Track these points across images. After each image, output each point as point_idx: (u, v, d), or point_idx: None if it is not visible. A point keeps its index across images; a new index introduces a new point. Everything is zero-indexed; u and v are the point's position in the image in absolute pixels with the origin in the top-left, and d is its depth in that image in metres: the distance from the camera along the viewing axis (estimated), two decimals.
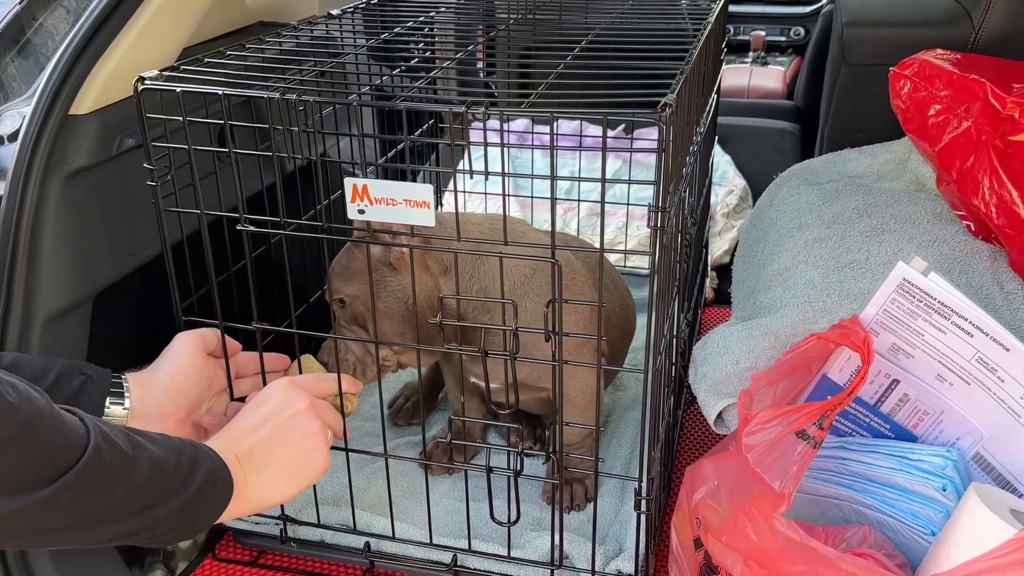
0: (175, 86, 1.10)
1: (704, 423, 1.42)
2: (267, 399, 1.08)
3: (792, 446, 1.07)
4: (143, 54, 1.26)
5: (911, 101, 1.48)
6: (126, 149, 1.24)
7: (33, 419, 0.77)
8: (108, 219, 1.26)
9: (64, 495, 0.79)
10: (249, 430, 1.04)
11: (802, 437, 1.08)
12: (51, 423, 0.80)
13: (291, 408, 1.07)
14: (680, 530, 1.24)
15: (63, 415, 0.82)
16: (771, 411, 1.10)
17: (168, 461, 0.90)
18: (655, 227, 1.02)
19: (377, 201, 1.08)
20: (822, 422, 1.07)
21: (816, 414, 1.07)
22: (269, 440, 1.04)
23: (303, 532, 1.35)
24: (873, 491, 1.19)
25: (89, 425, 0.83)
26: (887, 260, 1.37)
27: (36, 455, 0.78)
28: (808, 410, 1.07)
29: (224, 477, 0.96)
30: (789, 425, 1.08)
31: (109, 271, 1.27)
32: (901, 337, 1.20)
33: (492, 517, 1.22)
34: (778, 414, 1.09)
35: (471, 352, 1.14)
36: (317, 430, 1.08)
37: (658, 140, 0.97)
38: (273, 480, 1.04)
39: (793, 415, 1.08)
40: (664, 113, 0.96)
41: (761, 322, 1.34)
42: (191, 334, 1.16)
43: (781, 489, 1.04)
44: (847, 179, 1.69)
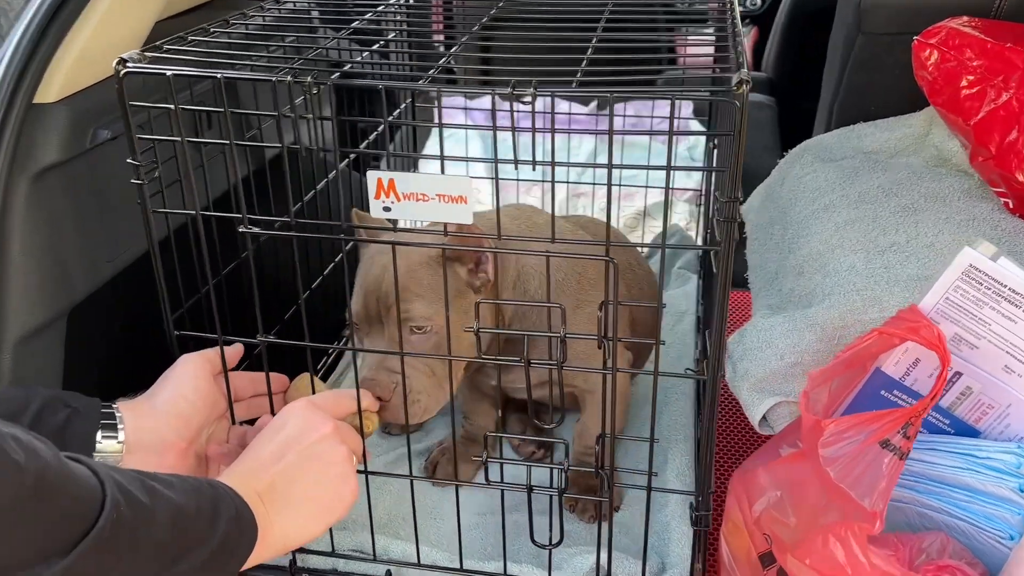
0: (164, 69, 0.95)
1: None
2: (285, 424, 0.95)
3: (877, 458, 0.98)
4: (114, 31, 1.11)
5: (939, 72, 1.40)
6: (101, 141, 1.09)
7: (43, 478, 0.64)
8: (82, 222, 1.10)
9: (83, 565, 0.66)
10: (268, 461, 0.91)
11: (887, 448, 0.99)
12: (62, 479, 0.66)
13: (314, 433, 0.95)
14: (734, 542, 1.15)
15: (72, 467, 0.69)
16: (847, 419, 1.00)
17: (188, 507, 0.77)
18: (728, 219, 0.92)
19: (405, 197, 0.95)
20: (907, 430, 0.98)
21: (899, 422, 0.98)
22: (292, 471, 0.92)
23: (313, 561, 1.22)
24: (939, 492, 1.11)
25: (102, 476, 0.70)
26: (928, 242, 1.29)
27: (49, 520, 0.65)
28: (890, 418, 0.99)
29: (248, 518, 0.84)
30: (871, 435, 0.99)
31: (85, 281, 1.12)
32: (965, 327, 1.12)
33: (532, 540, 1.11)
34: (856, 422, 1.00)
35: (512, 362, 1.02)
36: (343, 457, 0.96)
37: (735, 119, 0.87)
38: (299, 516, 0.91)
39: (873, 423, 0.99)
40: (741, 91, 0.85)
41: (804, 313, 1.24)
42: (196, 356, 1.02)
43: (871, 508, 0.95)
44: (862, 155, 1.60)
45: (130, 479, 0.73)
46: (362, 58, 1.32)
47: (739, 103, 0.85)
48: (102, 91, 1.11)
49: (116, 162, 1.14)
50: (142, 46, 1.20)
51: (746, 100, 0.86)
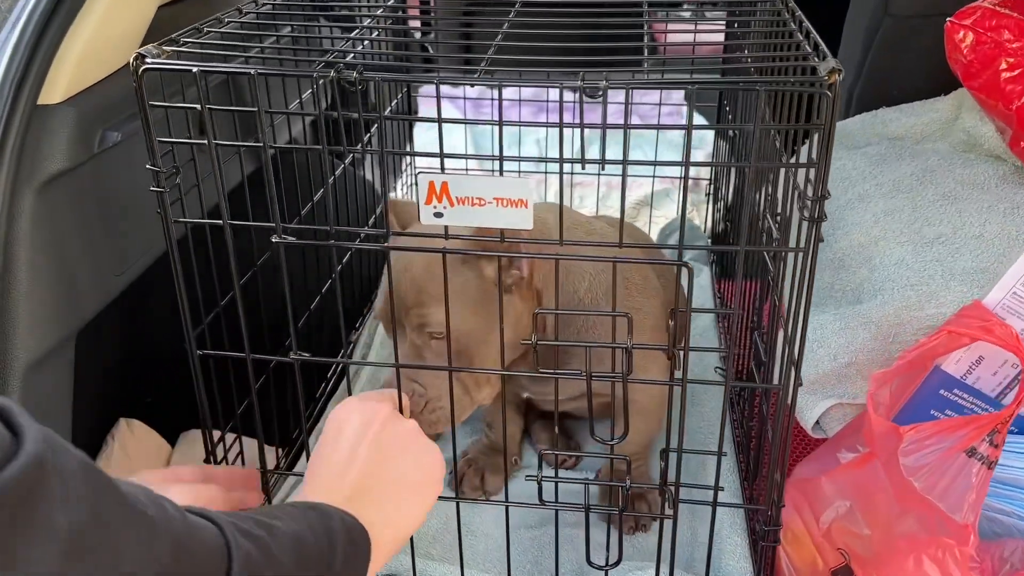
0: (189, 65, 0.85)
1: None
2: (341, 428, 0.86)
3: (965, 468, 0.93)
4: (119, 22, 1.01)
5: (975, 55, 1.36)
6: (111, 145, 0.99)
7: (178, 535, 0.56)
8: (90, 234, 1.00)
9: None
10: (343, 465, 0.82)
11: (973, 456, 0.94)
12: (189, 532, 0.58)
13: (375, 422, 0.86)
14: (795, 554, 1.09)
15: (191, 519, 0.60)
16: (928, 427, 0.95)
17: (305, 535, 0.69)
18: (813, 218, 0.85)
19: (459, 201, 0.87)
20: (993, 437, 0.93)
21: (985, 429, 0.93)
22: (371, 465, 0.83)
23: None
24: (1011, 496, 1.07)
25: (221, 523, 0.61)
26: (976, 233, 1.25)
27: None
28: (975, 425, 0.94)
29: (357, 529, 0.76)
30: (956, 443, 0.94)
31: (95, 298, 1.02)
32: None
33: (588, 561, 1.04)
34: (938, 429, 0.95)
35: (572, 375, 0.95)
36: (414, 431, 0.89)
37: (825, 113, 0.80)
38: (398, 506, 0.83)
39: (958, 431, 0.94)
40: (833, 82, 0.79)
41: (856, 311, 1.19)
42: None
43: (963, 521, 0.90)
44: (888, 141, 1.55)
45: (243, 519, 0.65)
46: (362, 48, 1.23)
47: (831, 94, 0.79)
48: (108, 89, 1.01)
49: (122, 167, 1.04)
50: (144, 37, 1.11)
51: (838, 91, 0.79)
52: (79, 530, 0.48)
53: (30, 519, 0.45)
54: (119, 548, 0.51)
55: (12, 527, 0.44)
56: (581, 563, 1.20)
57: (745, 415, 1.27)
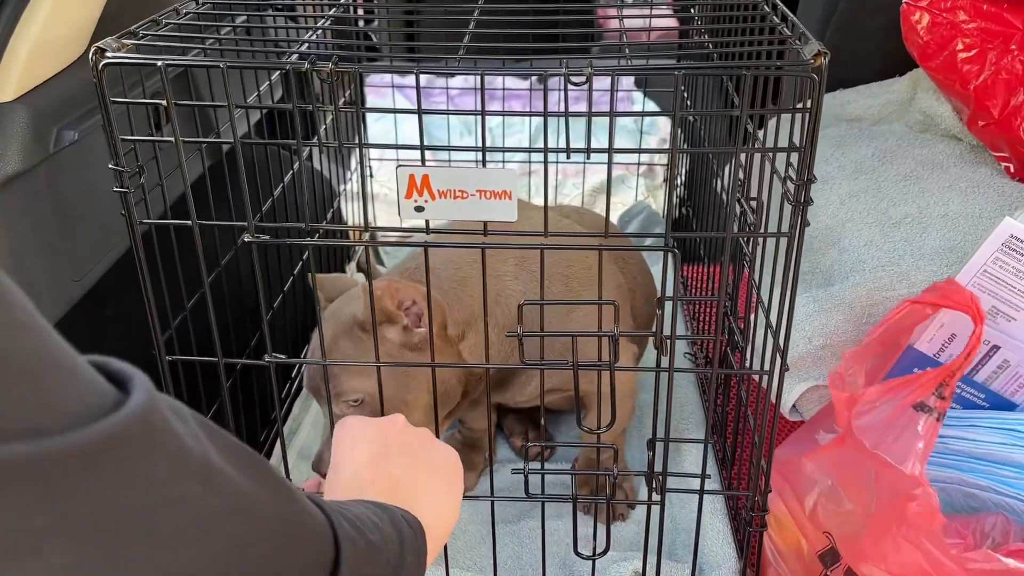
0: (153, 59, 0.81)
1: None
2: (356, 435, 0.83)
3: (912, 421, 0.94)
4: (68, 16, 0.95)
5: (932, 35, 1.37)
6: (67, 144, 0.94)
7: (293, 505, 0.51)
8: (47, 238, 0.95)
9: None
10: (373, 467, 0.79)
11: (922, 410, 0.95)
12: (302, 508, 0.53)
13: (394, 426, 0.83)
14: (782, 538, 1.10)
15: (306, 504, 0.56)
16: (878, 387, 0.96)
17: (382, 526, 0.65)
18: (798, 202, 0.85)
19: (441, 194, 0.85)
20: (942, 391, 0.94)
21: (933, 383, 0.94)
22: (403, 467, 0.80)
23: None
24: (984, 470, 1.08)
25: (329, 514, 0.57)
26: (941, 212, 1.26)
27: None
28: (924, 379, 0.95)
29: (415, 522, 0.73)
30: (904, 398, 0.95)
31: (54, 306, 0.97)
32: (1002, 299, 1.09)
33: (576, 551, 1.03)
34: (888, 388, 0.96)
35: (559, 366, 0.93)
36: (429, 432, 0.87)
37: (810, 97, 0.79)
38: (435, 504, 0.80)
39: (907, 387, 0.95)
40: (820, 64, 0.78)
41: (830, 293, 1.20)
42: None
43: (910, 471, 0.91)
44: (846, 123, 1.57)
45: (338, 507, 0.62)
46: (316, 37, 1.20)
47: (818, 77, 0.78)
48: (61, 85, 0.96)
49: (79, 167, 0.99)
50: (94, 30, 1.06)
51: (824, 74, 0.79)
52: (206, 461, 0.44)
53: (163, 444, 0.41)
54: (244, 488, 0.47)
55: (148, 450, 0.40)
56: (563, 556, 1.19)
57: (720, 401, 1.26)
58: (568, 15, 1.09)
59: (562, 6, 1.10)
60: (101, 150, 1.02)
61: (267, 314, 0.92)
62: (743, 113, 0.80)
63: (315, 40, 0.98)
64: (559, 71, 0.79)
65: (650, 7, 1.52)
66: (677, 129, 0.80)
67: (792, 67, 0.79)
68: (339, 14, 1.07)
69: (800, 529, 1.06)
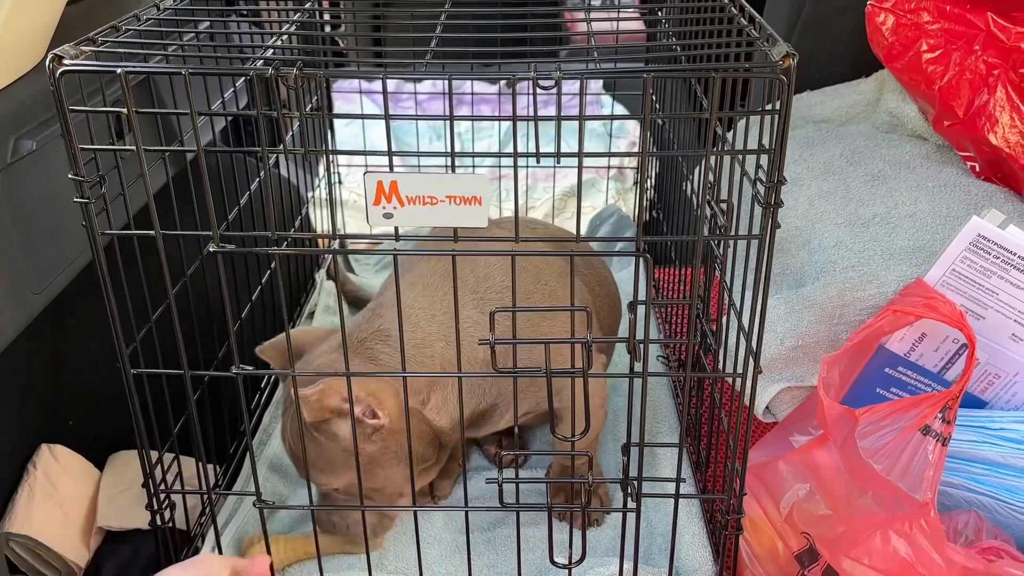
0: (112, 65, 0.79)
1: None
2: None
3: (921, 446, 0.94)
4: (24, 22, 0.93)
5: (897, 37, 1.38)
6: (25, 154, 0.92)
7: None
8: (5, 250, 0.93)
9: None
10: None
11: (928, 434, 0.95)
12: None
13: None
14: (758, 541, 1.10)
15: None
16: (882, 408, 0.96)
17: None
18: (768, 204, 0.85)
19: (410, 201, 0.84)
20: (945, 414, 0.95)
21: (937, 406, 0.95)
22: None
23: None
24: (956, 468, 1.09)
25: None
26: (910, 212, 1.27)
27: None
28: (928, 403, 0.95)
29: None
30: (909, 422, 0.95)
31: (14, 320, 0.95)
32: (970, 298, 1.09)
33: (552, 561, 1.02)
34: (891, 410, 0.96)
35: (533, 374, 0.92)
36: None
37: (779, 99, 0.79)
38: None
39: (910, 410, 0.95)
40: (788, 66, 0.78)
41: (801, 294, 1.20)
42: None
43: (923, 499, 0.91)
44: (813, 124, 1.58)
45: None
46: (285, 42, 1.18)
47: (786, 79, 0.78)
48: (17, 93, 0.93)
49: (36, 177, 0.97)
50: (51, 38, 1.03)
51: (793, 75, 0.78)
52: None
53: None
54: None
55: None
56: (539, 564, 1.18)
57: (693, 404, 1.26)
58: (536, 19, 1.08)
59: (530, 9, 1.10)
60: (61, 159, 1.00)
61: (234, 325, 0.90)
62: (712, 116, 0.80)
63: (280, 46, 0.96)
64: (528, 75, 0.78)
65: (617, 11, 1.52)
66: (647, 132, 0.80)
67: (760, 69, 0.79)
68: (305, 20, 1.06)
69: (777, 531, 1.06)
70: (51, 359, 1.17)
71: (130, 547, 1.24)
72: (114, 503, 1.25)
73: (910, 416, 0.95)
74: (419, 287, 1.13)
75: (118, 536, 1.25)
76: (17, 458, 1.20)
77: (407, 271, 1.15)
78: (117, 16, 0.94)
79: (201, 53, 0.96)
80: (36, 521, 1.16)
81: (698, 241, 0.87)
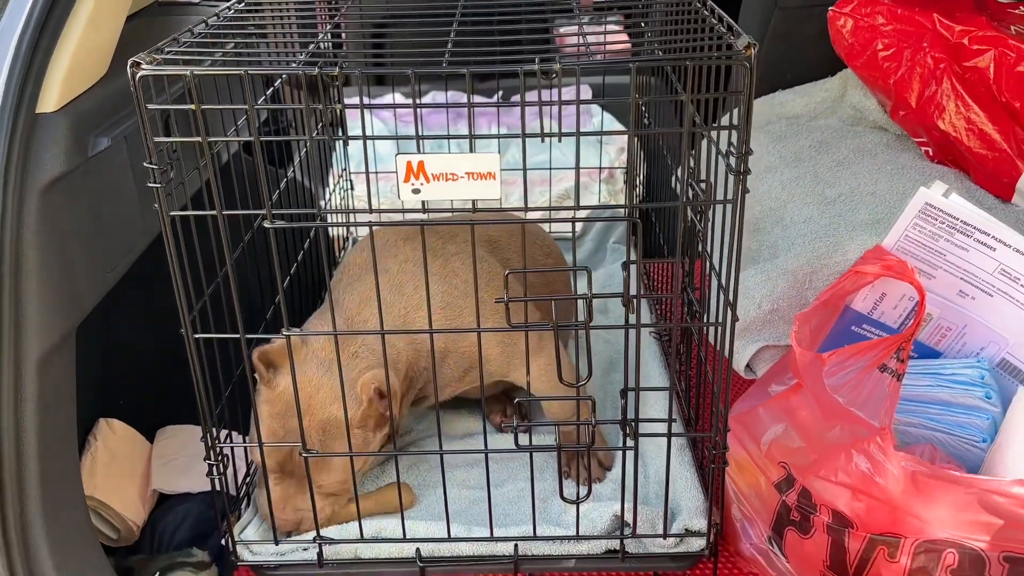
0: (183, 69, 0.94)
1: None
2: None
3: (879, 382, 1.09)
4: (96, 35, 1.09)
5: (855, 38, 1.54)
6: (101, 149, 1.07)
7: None
8: (85, 233, 1.08)
9: None
10: None
11: (885, 371, 1.10)
12: None
13: None
14: (741, 479, 1.24)
15: None
16: (845, 351, 1.11)
17: None
18: (740, 172, 1.00)
19: (435, 177, 0.99)
20: (900, 354, 1.10)
21: (893, 347, 1.09)
22: None
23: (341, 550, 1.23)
24: (915, 410, 1.23)
25: None
26: (871, 191, 1.43)
27: None
28: (884, 345, 1.10)
29: None
30: (870, 361, 1.09)
31: (92, 294, 1.09)
32: (922, 259, 1.25)
33: (562, 496, 1.17)
34: (854, 352, 1.11)
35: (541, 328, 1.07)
36: None
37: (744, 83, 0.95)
38: None
39: (869, 352, 1.10)
40: (750, 54, 0.94)
41: (775, 263, 1.35)
42: None
43: (880, 424, 1.05)
44: (785, 120, 1.74)
45: None
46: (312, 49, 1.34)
47: (748, 65, 0.94)
48: (93, 97, 1.08)
49: (109, 170, 1.12)
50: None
51: (755, 62, 0.94)
52: None
53: None
54: None
55: None
56: (562, 509, 1.30)
57: (683, 364, 1.41)
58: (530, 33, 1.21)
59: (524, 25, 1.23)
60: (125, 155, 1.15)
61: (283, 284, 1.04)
62: (687, 99, 0.95)
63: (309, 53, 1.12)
64: (532, 67, 0.94)
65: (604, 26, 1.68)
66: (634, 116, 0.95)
67: (727, 56, 0.95)
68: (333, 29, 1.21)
69: (758, 467, 1.20)
70: (103, 344, 1.31)
71: (180, 509, 1.38)
72: (165, 469, 1.39)
73: (869, 356, 1.10)
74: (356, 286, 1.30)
75: (169, 499, 1.39)
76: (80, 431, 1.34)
77: (356, 280, 1.31)
78: (157, 30, 1.09)
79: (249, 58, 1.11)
80: (100, 486, 1.30)
81: (680, 206, 1.02)
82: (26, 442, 1.00)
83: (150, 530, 1.35)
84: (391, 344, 1.20)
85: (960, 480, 0.99)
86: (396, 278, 1.28)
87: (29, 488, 1.01)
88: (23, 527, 1.01)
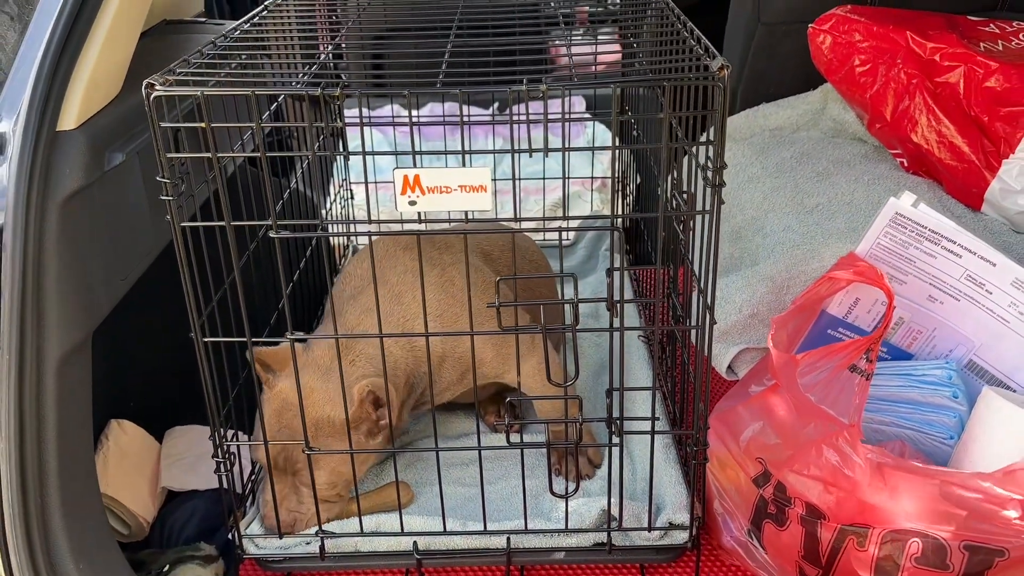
0: (194, 90, 1.01)
1: None
2: None
3: (849, 381, 1.15)
4: (111, 56, 1.15)
5: (834, 54, 1.61)
6: (116, 164, 1.13)
7: None
8: (101, 243, 1.14)
9: None
10: None
11: (855, 371, 1.16)
12: None
13: None
14: (722, 475, 1.30)
15: None
16: (817, 352, 1.17)
17: None
18: (716, 185, 1.06)
19: (430, 190, 1.06)
20: (869, 355, 1.16)
21: (862, 349, 1.16)
22: None
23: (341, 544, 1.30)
24: (887, 409, 1.30)
25: None
26: (847, 200, 1.49)
27: None
28: (854, 347, 1.16)
29: None
30: (840, 362, 1.16)
31: (106, 300, 1.16)
32: (893, 266, 1.31)
33: (551, 491, 1.23)
34: (825, 353, 1.17)
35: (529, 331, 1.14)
36: None
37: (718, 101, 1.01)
38: None
39: (840, 353, 1.16)
40: (723, 75, 1.00)
41: (755, 270, 1.42)
42: None
43: (850, 421, 1.12)
44: (768, 132, 1.80)
45: None
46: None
47: (722, 85, 1.00)
48: (109, 115, 1.15)
49: (123, 183, 1.19)
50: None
51: (728, 83, 1.01)
52: None
53: None
54: None
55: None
56: (552, 504, 1.36)
57: (667, 366, 1.47)
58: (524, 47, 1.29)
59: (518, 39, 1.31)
60: (138, 169, 1.22)
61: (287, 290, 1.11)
62: (666, 116, 1.02)
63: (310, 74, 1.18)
64: (521, 88, 1.00)
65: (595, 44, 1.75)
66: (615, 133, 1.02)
67: (703, 77, 1.01)
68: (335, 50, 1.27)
69: (738, 463, 1.26)
70: (114, 349, 1.37)
71: (188, 506, 1.44)
72: (174, 468, 1.46)
73: (840, 357, 1.16)
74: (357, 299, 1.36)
75: (177, 496, 1.45)
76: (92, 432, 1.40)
77: (357, 292, 1.38)
78: (167, 48, 1.16)
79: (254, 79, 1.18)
80: (112, 483, 1.37)
81: (659, 217, 1.09)
82: (46, 439, 1.06)
83: (159, 525, 1.42)
84: (390, 352, 1.27)
85: (924, 472, 1.06)
86: (395, 288, 1.35)
87: (49, 483, 1.07)
88: (44, 520, 1.07)
